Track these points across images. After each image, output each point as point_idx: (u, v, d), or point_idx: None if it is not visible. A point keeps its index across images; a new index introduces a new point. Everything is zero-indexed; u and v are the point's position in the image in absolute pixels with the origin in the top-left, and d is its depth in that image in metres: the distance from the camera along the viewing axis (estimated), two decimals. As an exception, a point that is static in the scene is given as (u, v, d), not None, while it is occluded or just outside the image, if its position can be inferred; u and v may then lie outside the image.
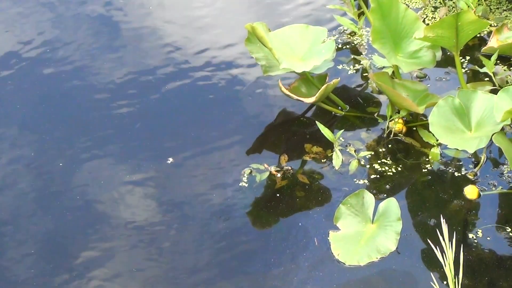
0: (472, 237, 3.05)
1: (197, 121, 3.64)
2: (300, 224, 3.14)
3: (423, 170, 3.32)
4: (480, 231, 3.07)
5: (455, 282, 2.62)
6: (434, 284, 2.69)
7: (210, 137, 3.54)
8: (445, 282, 2.86)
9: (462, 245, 2.98)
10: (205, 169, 3.39)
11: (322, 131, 3.32)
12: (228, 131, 3.58)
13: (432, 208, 3.19)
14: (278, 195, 3.26)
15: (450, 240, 2.60)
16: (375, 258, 2.98)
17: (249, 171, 3.34)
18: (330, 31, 4.04)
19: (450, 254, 2.54)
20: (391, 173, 3.32)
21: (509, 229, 3.07)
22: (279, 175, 3.33)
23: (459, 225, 3.11)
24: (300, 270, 2.98)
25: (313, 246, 3.05)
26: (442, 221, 2.60)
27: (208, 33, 4.18)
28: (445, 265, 2.54)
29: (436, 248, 2.60)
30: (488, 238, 3.05)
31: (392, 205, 3.06)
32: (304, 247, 3.05)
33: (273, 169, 3.34)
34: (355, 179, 3.30)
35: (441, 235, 2.55)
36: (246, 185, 3.29)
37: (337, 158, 3.34)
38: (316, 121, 3.36)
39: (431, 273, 2.91)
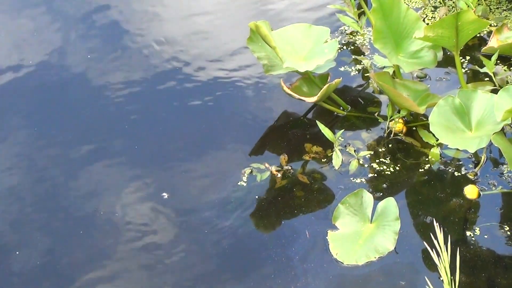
0: (470, 235, 3.06)
1: (199, 120, 3.65)
2: (298, 223, 3.15)
3: (423, 170, 3.33)
4: (478, 229, 3.08)
5: (451, 281, 2.63)
6: (429, 286, 2.70)
7: (211, 136, 3.56)
8: (441, 279, 2.86)
9: (460, 245, 3.00)
10: (205, 168, 3.41)
11: (322, 131, 3.33)
12: (229, 130, 3.59)
13: (431, 207, 3.19)
14: (278, 194, 3.28)
15: (447, 241, 2.61)
16: (373, 257, 2.98)
17: (250, 170, 3.35)
18: (331, 32, 4.03)
19: (445, 256, 2.55)
20: (390, 173, 3.33)
21: (507, 228, 3.08)
22: (279, 175, 3.35)
23: (458, 224, 3.12)
24: (297, 268, 2.99)
25: (311, 245, 3.07)
26: (436, 224, 2.60)
27: (208, 33, 4.18)
28: (439, 268, 2.55)
29: (432, 250, 2.61)
30: (486, 236, 3.06)
31: (390, 205, 3.07)
32: (302, 246, 3.06)
33: (273, 168, 3.36)
34: (355, 179, 3.31)
35: (435, 238, 2.56)
36: (246, 184, 3.31)
37: (337, 158, 3.35)
38: (317, 121, 3.37)
39: (429, 273, 2.92)
